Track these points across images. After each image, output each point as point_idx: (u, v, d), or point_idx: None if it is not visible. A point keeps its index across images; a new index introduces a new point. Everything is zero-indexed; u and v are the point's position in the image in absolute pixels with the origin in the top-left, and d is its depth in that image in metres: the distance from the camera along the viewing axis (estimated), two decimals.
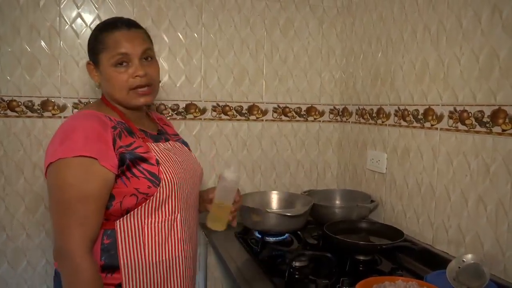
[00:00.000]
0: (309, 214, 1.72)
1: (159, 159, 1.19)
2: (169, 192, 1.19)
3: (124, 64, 1.20)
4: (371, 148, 1.87)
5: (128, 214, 1.16)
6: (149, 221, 1.17)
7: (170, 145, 1.30)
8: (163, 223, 1.19)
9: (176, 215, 1.21)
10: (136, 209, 1.16)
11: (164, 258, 1.19)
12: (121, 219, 1.15)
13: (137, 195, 1.15)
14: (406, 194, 1.66)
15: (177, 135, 1.42)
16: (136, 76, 1.20)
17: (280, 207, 1.81)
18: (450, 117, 1.44)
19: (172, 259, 1.21)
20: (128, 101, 1.22)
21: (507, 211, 1.25)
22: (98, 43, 1.21)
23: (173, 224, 1.21)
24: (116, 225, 1.15)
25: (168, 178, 1.18)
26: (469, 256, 1.22)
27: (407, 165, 1.65)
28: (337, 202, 1.94)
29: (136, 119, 1.27)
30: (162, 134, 1.34)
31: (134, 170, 1.14)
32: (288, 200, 1.82)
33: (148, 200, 1.16)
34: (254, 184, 2.04)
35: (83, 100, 1.83)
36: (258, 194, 1.85)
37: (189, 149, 1.41)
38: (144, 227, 1.17)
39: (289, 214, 1.58)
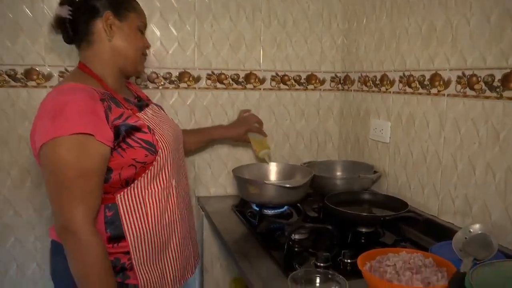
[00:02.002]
0: (309, 186, 1.72)
1: (151, 127, 1.23)
2: (165, 159, 1.24)
3: (141, 33, 1.32)
4: (374, 117, 1.86)
5: (128, 188, 1.20)
6: (149, 191, 1.23)
7: (154, 112, 1.34)
8: (162, 192, 1.25)
9: (171, 181, 1.28)
10: (135, 181, 1.20)
11: (164, 223, 1.27)
12: (122, 193, 1.19)
13: (135, 165, 1.18)
14: (411, 164, 1.65)
15: (149, 100, 1.46)
16: (147, 47, 1.35)
17: (279, 179, 1.81)
18: (458, 82, 1.42)
19: (171, 223, 1.29)
20: (136, 65, 1.30)
21: None
22: (128, 3, 1.28)
23: (169, 191, 1.28)
24: (117, 200, 1.19)
25: (164, 145, 1.23)
26: (477, 226, 1.21)
27: (412, 134, 1.63)
28: (338, 173, 1.94)
29: (118, 89, 1.28)
30: (141, 101, 1.36)
31: (129, 141, 1.16)
32: (287, 172, 1.82)
33: (146, 170, 1.20)
34: (251, 155, 2.01)
35: (69, 69, 1.79)
36: (256, 166, 1.84)
37: (165, 112, 1.47)
38: (145, 197, 1.22)
39: (288, 185, 1.57)
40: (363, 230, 1.48)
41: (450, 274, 1.03)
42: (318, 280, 1.10)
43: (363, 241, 1.46)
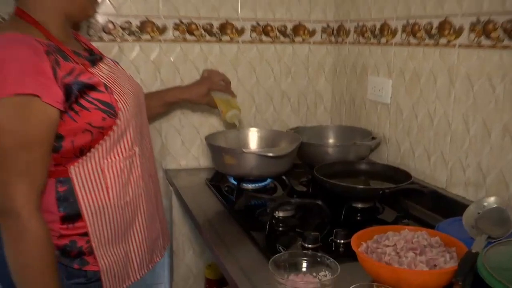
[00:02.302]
0: (296, 155, 1.73)
1: (108, 85, 1.21)
2: (127, 123, 1.24)
3: None
4: (373, 74, 1.85)
5: (84, 158, 1.19)
6: (109, 161, 1.23)
7: (110, 67, 1.32)
8: (123, 161, 1.26)
9: (134, 149, 1.29)
10: (92, 150, 1.19)
11: (128, 198, 1.27)
12: (76, 164, 1.18)
13: (91, 131, 1.17)
14: (415, 128, 1.64)
15: (102, 54, 1.41)
16: None
17: (261, 147, 1.81)
18: (472, 30, 1.40)
19: (136, 198, 1.30)
20: (84, 8, 1.27)
21: None
22: None
23: (132, 160, 1.29)
24: (71, 173, 1.18)
25: (124, 106, 1.23)
26: (491, 199, 1.21)
27: (416, 93, 1.63)
28: (331, 140, 1.96)
29: (65, 39, 1.24)
30: (94, 55, 1.33)
31: (83, 102, 1.15)
32: (270, 139, 1.83)
33: (105, 136, 1.20)
34: (224, 122, 1.98)
35: (5, 17, 1.70)
36: (233, 132, 1.84)
37: (123, 68, 1.46)
38: (104, 168, 1.22)
39: (270, 154, 1.56)
40: (359, 205, 1.49)
41: (460, 255, 1.04)
42: (304, 264, 1.10)
43: (358, 218, 1.47)
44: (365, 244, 1.11)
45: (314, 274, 1.07)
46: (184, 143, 1.98)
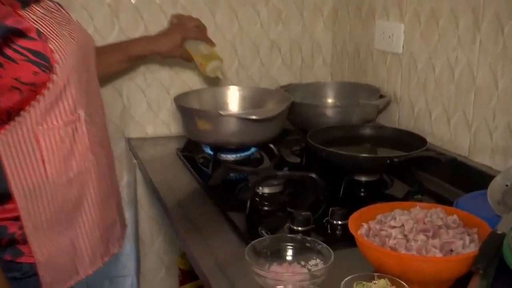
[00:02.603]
0: (287, 119, 1.74)
1: (41, 30, 1.18)
2: (66, 78, 1.22)
3: None
4: (381, 18, 1.84)
5: (12, 123, 1.17)
6: (44, 127, 1.20)
7: (47, 10, 1.28)
8: (64, 128, 1.23)
9: (78, 112, 1.26)
10: (22, 113, 1.17)
11: (71, 174, 1.26)
12: (3, 132, 1.17)
13: (20, 88, 1.15)
14: (432, 83, 1.62)
15: None
16: None
17: (243, 109, 1.81)
18: None
19: (82, 174, 1.29)
20: None
21: None
22: None
23: (76, 126, 1.26)
24: None
25: (62, 58, 1.20)
26: None
27: (434, 39, 1.61)
28: (330, 100, 1.95)
29: None
30: None
31: (8, 52, 1.13)
32: (255, 99, 1.82)
33: (38, 95, 1.17)
34: (203, 78, 1.98)
35: None
36: (210, 92, 1.84)
37: (67, 13, 1.40)
38: (39, 137, 1.19)
39: (253, 117, 1.56)
40: (363, 179, 1.50)
41: (482, 237, 1.02)
42: (290, 252, 1.08)
43: (362, 194, 1.47)
44: (366, 226, 1.10)
45: (303, 263, 1.06)
46: (151, 106, 1.96)
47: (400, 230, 1.05)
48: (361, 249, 1.04)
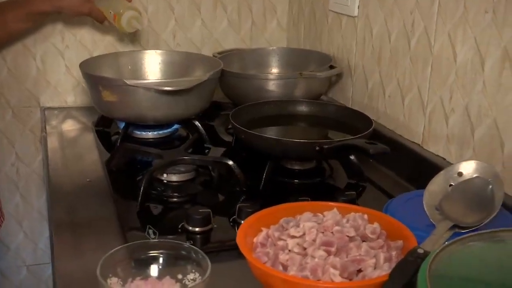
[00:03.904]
0: (222, 91, 1.71)
1: None
2: None
3: None
4: None
5: None
6: None
7: None
8: None
9: None
10: None
11: None
12: None
13: None
14: (387, 53, 1.54)
15: None
16: None
17: (167, 77, 1.72)
18: None
19: None
20: None
21: None
22: None
23: None
24: None
25: None
26: (471, 165, 1.06)
27: (390, 1, 1.52)
28: (276, 70, 1.88)
29: None
30: None
31: None
32: (182, 67, 1.72)
33: None
34: (128, 39, 1.88)
35: None
36: (127, 56, 1.73)
37: None
38: None
39: (166, 88, 1.43)
40: (296, 167, 1.40)
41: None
42: (161, 262, 0.93)
43: (295, 184, 1.37)
44: (265, 232, 0.95)
45: (180, 276, 0.91)
46: (70, 71, 1.86)
47: (299, 242, 0.90)
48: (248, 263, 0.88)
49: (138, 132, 1.54)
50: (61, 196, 1.30)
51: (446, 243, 0.83)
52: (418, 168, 1.37)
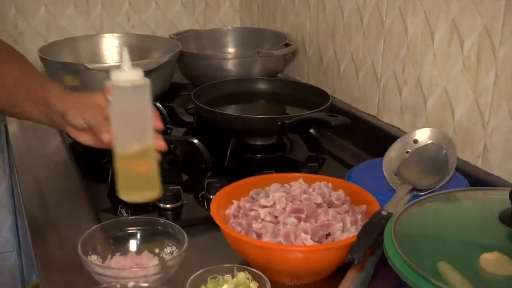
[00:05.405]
0: (181, 72, 1.74)
1: None
2: None
3: None
4: None
5: None
6: None
7: None
8: None
9: None
10: None
11: None
12: None
13: None
14: (341, 28, 1.56)
15: None
16: None
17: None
18: None
19: None
20: None
21: (496, 47, 1.12)
22: None
23: None
24: None
25: None
26: (425, 132, 1.13)
27: None
28: (232, 49, 1.92)
29: None
30: None
31: None
32: (141, 49, 1.70)
33: None
34: (89, 23, 1.90)
35: None
36: (84, 41, 1.73)
37: None
38: None
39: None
40: (258, 142, 1.43)
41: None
42: (139, 238, 0.97)
43: (258, 159, 1.41)
44: (236, 204, 1.00)
45: (157, 250, 0.96)
46: (26, 57, 1.79)
47: (270, 211, 0.95)
48: (223, 233, 0.93)
49: None
50: (31, 183, 1.30)
51: (407, 205, 0.89)
52: (375, 138, 1.40)
